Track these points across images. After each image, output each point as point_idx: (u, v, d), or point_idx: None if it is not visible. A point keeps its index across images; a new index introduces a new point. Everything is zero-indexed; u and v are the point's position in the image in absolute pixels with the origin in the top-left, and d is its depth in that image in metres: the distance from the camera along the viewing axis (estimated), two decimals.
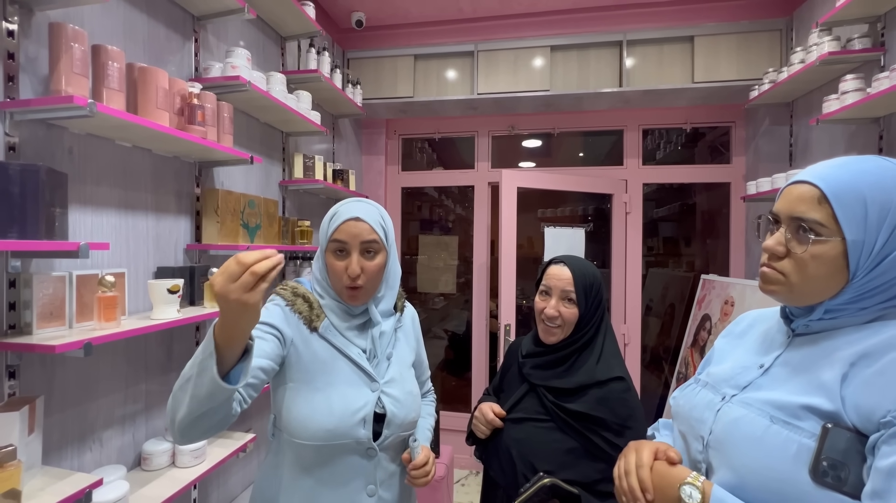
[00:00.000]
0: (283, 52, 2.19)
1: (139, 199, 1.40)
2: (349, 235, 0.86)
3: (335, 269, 0.87)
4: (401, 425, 0.88)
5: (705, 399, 0.66)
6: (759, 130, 2.57)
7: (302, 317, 0.86)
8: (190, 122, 1.37)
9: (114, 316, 1.12)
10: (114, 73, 1.14)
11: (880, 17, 1.76)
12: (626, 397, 0.97)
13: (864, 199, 0.53)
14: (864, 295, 0.55)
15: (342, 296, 0.89)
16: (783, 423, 0.54)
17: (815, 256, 0.55)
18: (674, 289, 3.24)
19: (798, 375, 0.57)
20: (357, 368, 0.87)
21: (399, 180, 3.15)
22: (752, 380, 0.62)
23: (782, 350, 0.61)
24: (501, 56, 2.67)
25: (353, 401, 0.84)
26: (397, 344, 0.95)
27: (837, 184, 0.54)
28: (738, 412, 0.59)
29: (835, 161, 0.57)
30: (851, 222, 0.53)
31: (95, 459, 1.26)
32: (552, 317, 1.02)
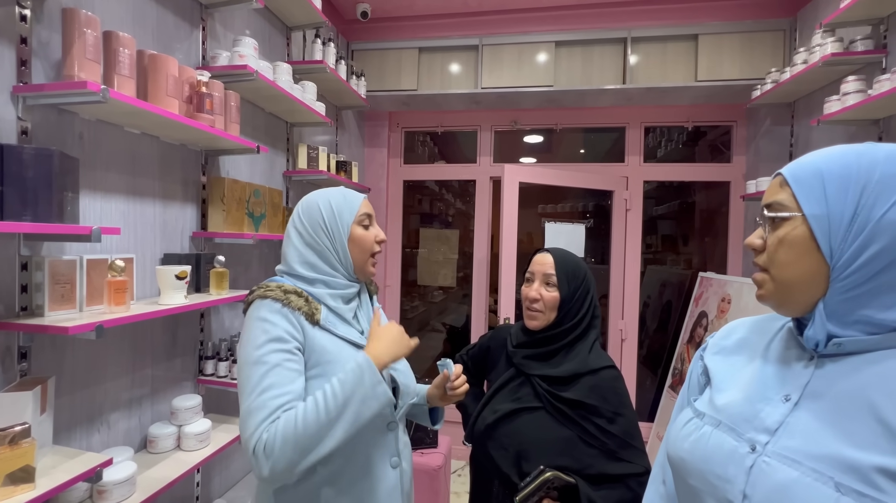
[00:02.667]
0: (289, 42, 2.19)
1: (147, 186, 1.42)
2: (370, 208, 0.96)
3: (367, 240, 0.93)
4: (409, 393, 0.94)
5: (725, 447, 0.53)
6: (759, 130, 2.59)
7: (302, 312, 0.84)
8: (198, 111, 1.38)
9: (123, 300, 1.13)
10: (125, 59, 1.15)
11: (883, 20, 1.78)
12: (616, 385, 0.99)
13: (820, 173, 0.50)
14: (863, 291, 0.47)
15: (365, 269, 0.93)
16: (857, 495, 0.42)
17: (782, 239, 0.52)
18: (671, 287, 3.28)
19: (847, 416, 0.46)
20: (361, 350, 0.88)
21: (401, 173, 3.16)
22: (782, 419, 0.50)
23: (809, 376, 0.51)
24: (506, 51, 2.67)
25: None
26: (382, 319, 1.00)
27: (797, 165, 0.53)
28: (785, 474, 0.46)
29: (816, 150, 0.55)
30: (808, 195, 0.50)
31: (103, 440, 1.29)
32: (534, 300, 1.04)
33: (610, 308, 2.89)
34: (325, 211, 0.91)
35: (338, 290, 0.90)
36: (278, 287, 0.85)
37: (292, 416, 0.75)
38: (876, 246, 0.46)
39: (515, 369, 1.07)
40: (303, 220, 0.92)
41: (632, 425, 0.98)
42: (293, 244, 0.91)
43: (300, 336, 0.83)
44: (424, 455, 2.22)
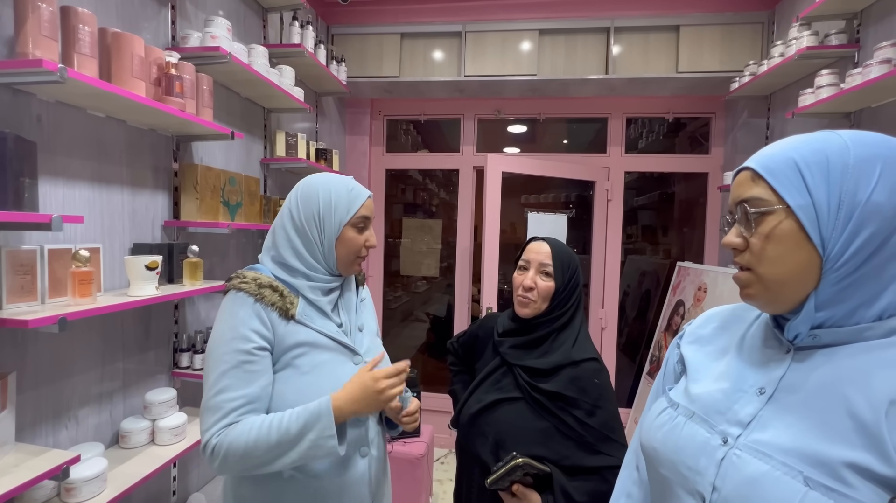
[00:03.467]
0: (265, 24, 2.12)
1: (114, 173, 1.35)
2: (371, 211, 0.92)
3: (357, 243, 0.90)
4: None
5: (697, 438, 0.53)
6: (737, 122, 2.64)
7: (276, 308, 0.83)
8: (167, 94, 1.32)
9: (89, 291, 1.09)
10: (85, 37, 1.08)
11: (857, 14, 1.82)
12: (597, 377, 0.99)
13: (794, 162, 0.49)
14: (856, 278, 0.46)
15: (349, 268, 0.92)
16: (825, 490, 0.42)
17: (768, 235, 0.49)
18: (650, 276, 3.34)
19: (820, 409, 0.46)
20: (338, 345, 0.88)
21: (383, 162, 3.12)
22: (756, 412, 0.50)
23: (784, 369, 0.50)
24: (489, 38, 2.64)
25: (341, 376, 0.85)
26: (364, 314, 0.99)
27: (765, 158, 0.51)
28: (755, 467, 0.46)
29: (775, 142, 0.53)
30: (788, 187, 0.48)
31: (71, 437, 1.24)
32: (528, 288, 1.03)
33: (591, 297, 2.93)
34: (324, 202, 0.88)
35: (317, 283, 0.89)
36: (254, 279, 0.84)
37: (244, 434, 0.76)
38: (867, 231, 0.45)
39: (500, 358, 1.07)
40: (299, 204, 0.89)
41: (612, 418, 0.98)
42: (284, 226, 0.89)
43: (269, 333, 0.82)
44: (407, 444, 2.23)
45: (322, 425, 0.77)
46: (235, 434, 0.77)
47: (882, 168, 0.46)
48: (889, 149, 0.47)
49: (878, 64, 1.50)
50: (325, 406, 0.78)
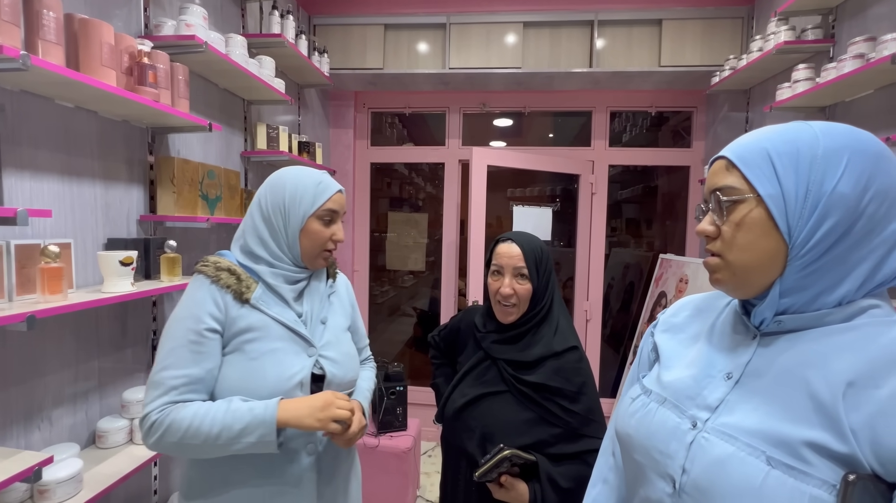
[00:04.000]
0: (244, 13, 2.06)
1: (85, 166, 1.31)
2: (340, 205, 0.92)
3: (322, 237, 0.90)
4: (340, 384, 0.92)
5: (668, 423, 0.54)
6: (718, 116, 2.68)
7: (230, 290, 0.84)
8: (140, 83, 1.27)
9: (59, 288, 1.05)
10: (50, 23, 1.04)
11: (832, 10, 1.85)
12: (579, 366, 1.00)
13: (766, 152, 0.50)
14: (819, 265, 0.48)
15: (314, 261, 0.91)
16: (785, 468, 0.44)
17: (739, 223, 0.51)
18: (634, 268, 3.39)
19: (782, 392, 0.48)
20: (293, 334, 0.87)
21: (368, 155, 3.08)
22: (723, 396, 0.52)
23: (750, 354, 0.52)
24: (474, 30, 2.62)
25: (289, 366, 0.85)
26: (332, 308, 0.97)
27: (739, 147, 0.52)
28: (722, 449, 0.48)
29: (750, 132, 0.55)
30: (760, 176, 0.50)
31: (45, 438, 1.21)
32: (507, 296, 1.00)
33: (575, 290, 2.96)
34: (290, 192, 0.88)
35: (280, 271, 0.89)
36: (214, 263, 0.86)
37: (187, 419, 0.78)
38: (831, 220, 0.47)
39: (484, 353, 1.07)
40: (267, 193, 0.90)
41: (595, 402, 1.00)
42: (252, 214, 0.90)
43: (221, 315, 0.83)
44: (394, 438, 2.23)
45: (263, 431, 0.79)
46: (179, 417, 0.78)
47: (849, 159, 0.47)
48: (856, 140, 0.48)
49: (852, 59, 1.54)
50: (271, 413, 0.79)
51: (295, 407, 0.81)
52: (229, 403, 0.80)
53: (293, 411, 0.81)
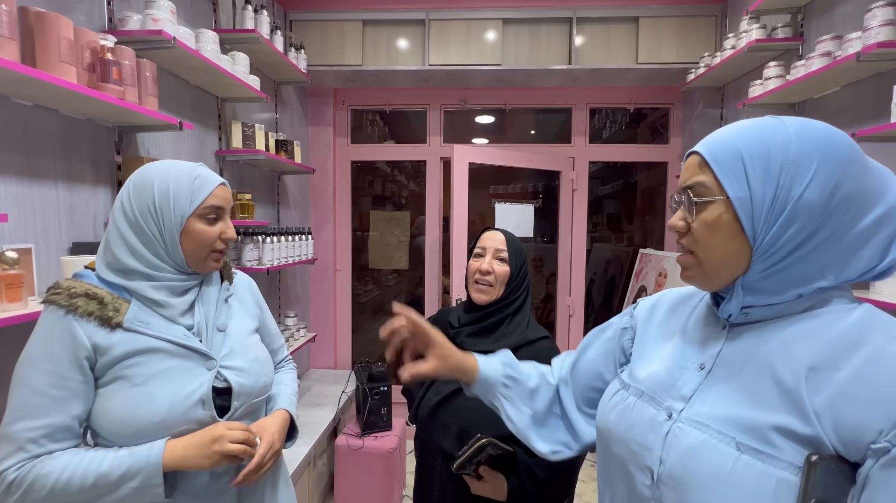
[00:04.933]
0: (216, 8, 2.00)
1: (46, 167, 1.25)
2: (224, 200, 0.83)
3: (208, 236, 0.80)
4: (251, 394, 0.84)
5: (646, 416, 0.55)
6: (694, 113, 2.73)
7: (93, 317, 0.72)
8: (103, 80, 1.22)
9: (19, 296, 1.00)
10: (2, 16, 0.98)
11: (801, 9, 1.90)
12: (552, 355, 1.01)
13: (739, 153, 0.50)
14: (782, 266, 0.49)
15: (204, 265, 0.82)
16: (754, 453, 0.45)
17: (707, 222, 0.51)
18: (615, 263, 3.44)
19: (750, 379, 0.49)
20: (185, 349, 0.78)
21: (348, 153, 3.04)
22: (697, 386, 0.53)
23: (721, 345, 0.54)
24: (453, 27, 2.60)
25: (184, 384, 0.76)
26: (231, 312, 0.88)
27: (714, 145, 0.52)
28: (695, 437, 0.49)
29: (726, 126, 0.54)
30: (731, 178, 0.50)
31: None
32: (486, 272, 1.06)
33: (558, 285, 2.99)
34: (159, 193, 0.76)
35: (164, 283, 0.79)
36: (67, 289, 0.73)
37: (55, 472, 0.68)
38: (796, 225, 0.48)
39: (458, 348, 1.07)
40: (131, 197, 0.77)
41: None
42: (116, 222, 0.77)
43: (86, 349, 0.72)
44: (378, 438, 2.21)
45: (147, 475, 0.70)
46: (44, 472, 0.68)
47: (818, 165, 0.48)
48: (828, 144, 0.48)
49: (819, 56, 1.58)
50: (155, 455, 0.71)
51: (182, 446, 0.73)
52: (107, 451, 0.71)
53: (179, 451, 0.72)
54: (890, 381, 0.42)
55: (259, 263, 2.00)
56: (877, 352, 0.44)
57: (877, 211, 0.48)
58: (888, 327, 0.46)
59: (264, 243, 2.02)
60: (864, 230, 0.48)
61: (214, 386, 0.79)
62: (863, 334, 0.46)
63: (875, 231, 0.48)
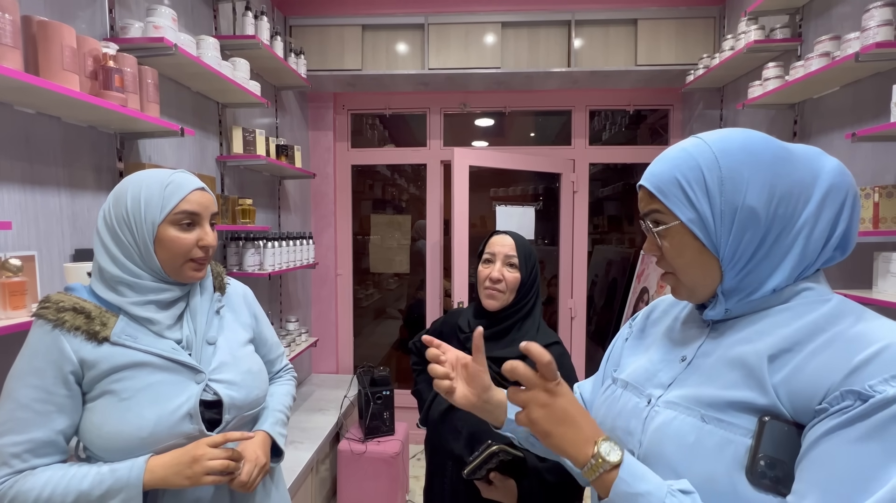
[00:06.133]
0: (216, 14, 2.01)
1: (49, 174, 1.25)
2: (201, 206, 0.79)
3: (182, 244, 0.77)
4: (242, 407, 0.83)
5: (629, 404, 0.60)
6: (693, 114, 2.73)
7: (80, 332, 0.72)
8: (106, 88, 1.23)
9: (22, 303, 1.01)
10: (6, 25, 0.99)
11: (799, 10, 1.91)
12: (562, 361, 1.02)
13: (677, 180, 0.54)
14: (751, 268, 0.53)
15: (182, 273, 0.79)
16: (717, 422, 0.50)
17: (673, 245, 0.56)
18: (617, 265, 3.43)
19: (724, 366, 0.53)
20: (174, 363, 0.77)
21: (349, 157, 3.05)
22: (676, 375, 0.57)
23: (703, 339, 0.58)
24: (453, 30, 2.62)
25: (171, 398, 0.75)
26: (223, 324, 0.87)
27: (654, 177, 0.57)
28: (667, 415, 0.54)
29: (659, 156, 0.59)
30: (677, 204, 0.54)
31: None
32: (496, 280, 1.05)
33: (560, 287, 2.99)
34: (132, 200, 0.76)
35: (147, 296, 0.77)
36: (56, 303, 0.73)
37: (37, 488, 0.68)
38: (749, 233, 0.52)
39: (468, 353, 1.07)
40: (110, 205, 0.77)
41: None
42: (99, 230, 0.78)
43: (73, 363, 0.72)
44: (381, 443, 2.21)
45: (127, 495, 0.70)
46: (25, 488, 0.68)
47: (749, 174, 0.52)
48: (750, 154, 0.53)
49: (818, 57, 1.58)
50: (136, 475, 0.70)
51: (161, 465, 0.72)
52: (90, 468, 0.71)
53: (159, 470, 0.72)
54: (841, 352, 0.46)
55: (260, 268, 2.00)
56: (836, 334, 0.48)
57: (816, 195, 0.52)
58: (854, 316, 0.49)
59: (265, 248, 2.02)
60: (811, 216, 0.52)
61: (204, 399, 0.78)
62: (829, 323, 0.49)
63: (819, 213, 0.52)
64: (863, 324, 0.48)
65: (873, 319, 0.49)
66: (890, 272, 1.32)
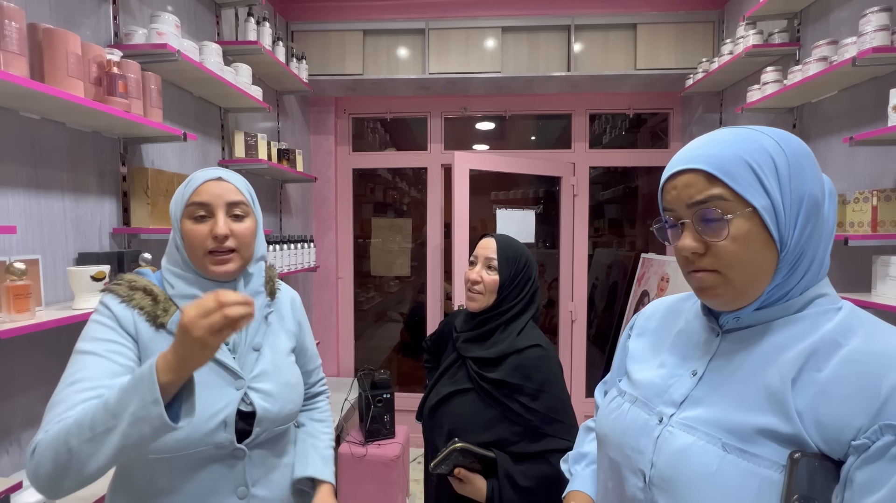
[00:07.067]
0: (219, 20, 2.03)
1: (53, 179, 1.27)
2: (212, 195, 0.77)
3: (195, 235, 0.75)
4: (275, 420, 0.80)
5: (638, 420, 0.56)
6: (693, 117, 2.74)
7: (144, 312, 0.74)
8: (110, 94, 1.24)
9: (26, 306, 1.02)
10: (12, 33, 1.01)
11: (797, 14, 1.92)
12: (540, 363, 1.01)
13: (747, 163, 0.49)
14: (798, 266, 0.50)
15: (205, 268, 0.77)
16: (739, 452, 0.47)
17: (738, 237, 0.49)
18: (617, 268, 3.44)
19: (740, 384, 0.50)
20: (217, 365, 0.76)
21: (350, 161, 3.07)
22: (688, 392, 0.54)
23: (713, 352, 0.54)
24: (453, 35, 2.63)
25: (211, 403, 0.74)
26: (269, 330, 0.85)
27: (715, 159, 0.50)
28: (684, 439, 0.51)
29: (693, 144, 0.53)
30: (750, 189, 0.49)
31: (14, 462, 1.16)
32: (475, 282, 1.07)
33: (560, 290, 2.99)
34: (173, 198, 0.80)
35: (192, 289, 0.78)
36: (129, 282, 0.77)
37: (63, 423, 0.62)
38: (811, 223, 0.49)
39: (456, 352, 1.10)
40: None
41: (557, 401, 1.00)
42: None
43: (132, 335, 0.74)
44: (381, 446, 2.21)
45: (143, 390, 0.58)
46: (56, 428, 0.62)
47: (809, 162, 0.51)
48: (802, 144, 0.52)
49: (816, 61, 1.59)
50: (146, 367, 0.59)
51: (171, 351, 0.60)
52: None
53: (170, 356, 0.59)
54: (866, 379, 0.44)
55: None
56: (854, 352, 0.46)
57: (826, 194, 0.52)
58: (867, 327, 0.48)
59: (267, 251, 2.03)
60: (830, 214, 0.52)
61: (239, 409, 0.76)
62: (843, 335, 0.47)
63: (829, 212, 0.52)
64: (878, 340, 0.46)
65: (887, 334, 0.47)
66: (889, 275, 1.32)
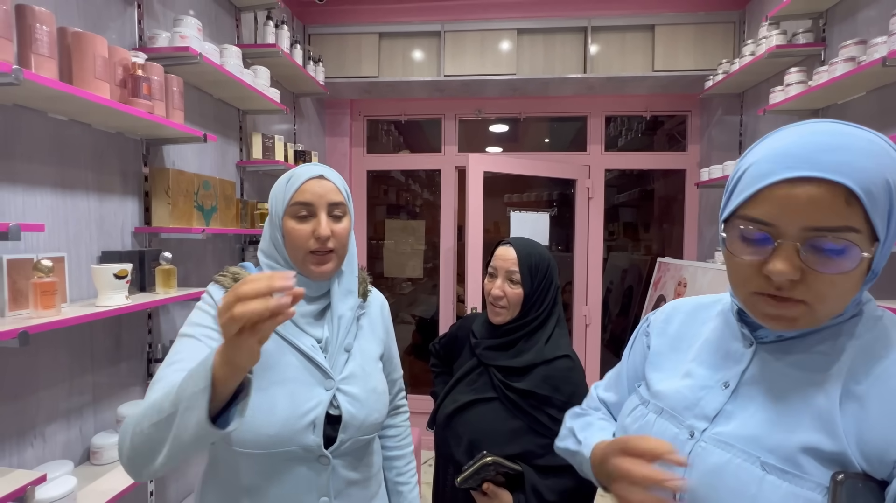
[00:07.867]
0: (238, 23, 2.07)
1: (78, 178, 1.30)
2: (315, 195, 0.76)
3: (298, 235, 0.75)
4: (360, 428, 0.77)
5: (667, 434, 0.53)
6: (712, 120, 2.69)
7: None
8: (134, 96, 1.27)
9: (53, 303, 1.04)
10: (43, 37, 1.03)
11: (822, 14, 1.87)
12: (570, 375, 0.98)
13: (889, 185, 0.42)
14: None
15: (305, 267, 0.77)
16: (780, 473, 0.44)
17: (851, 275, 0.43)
18: (633, 272, 3.39)
19: (778, 398, 0.47)
20: (309, 363, 0.75)
21: (364, 163, 3.09)
22: (721, 406, 0.51)
23: (747, 362, 0.51)
24: (468, 38, 2.63)
25: (302, 401, 0.73)
26: (360, 333, 0.84)
27: (859, 172, 0.41)
28: (719, 457, 0.48)
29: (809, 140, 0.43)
30: (883, 218, 0.42)
31: (38, 455, 1.19)
32: (497, 297, 1.02)
33: (574, 294, 2.96)
34: (271, 196, 0.80)
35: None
36: (233, 274, 0.79)
37: (147, 400, 0.61)
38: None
39: (477, 359, 1.07)
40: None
41: None
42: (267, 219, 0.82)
43: None
44: None
45: (198, 377, 0.53)
46: (141, 407, 0.60)
47: None
48: None
49: (843, 62, 1.55)
50: (208, 355, 0.55)
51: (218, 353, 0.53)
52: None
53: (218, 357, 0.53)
54: None
55: None
56: (893, 366, 0.44)
57: None
58: None
59: None
60: None
61: (327, 412, 0.75)
62: (885, 348, 0.45)
63: None
64: None
65: None
66: None
